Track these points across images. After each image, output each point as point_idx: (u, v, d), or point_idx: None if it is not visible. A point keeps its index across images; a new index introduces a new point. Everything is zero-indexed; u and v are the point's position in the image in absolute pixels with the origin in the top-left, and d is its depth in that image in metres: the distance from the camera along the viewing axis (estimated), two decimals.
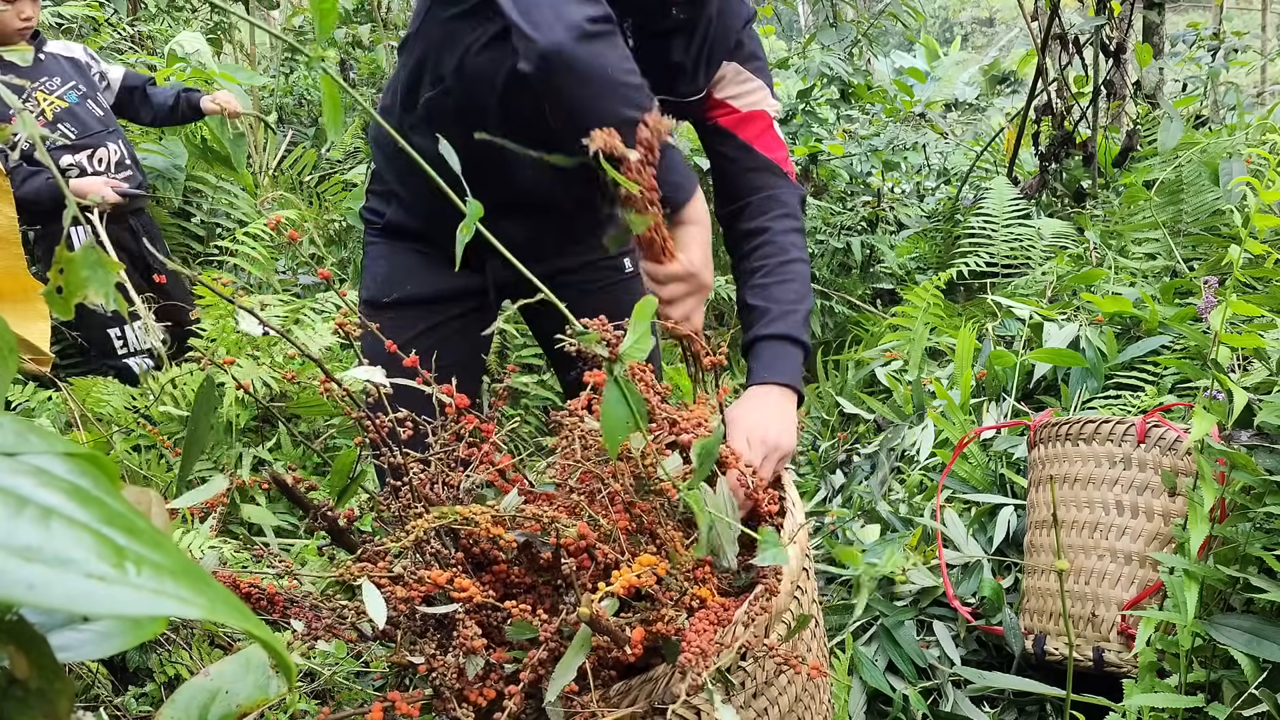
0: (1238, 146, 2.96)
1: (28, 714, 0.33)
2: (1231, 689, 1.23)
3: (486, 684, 0.86)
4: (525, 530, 0.92)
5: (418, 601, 0.87)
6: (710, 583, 0.97)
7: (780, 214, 1.42)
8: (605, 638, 0.82)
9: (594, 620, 0.78)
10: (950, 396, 2.13)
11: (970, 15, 16.18)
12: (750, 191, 1.43)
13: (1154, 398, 1.89)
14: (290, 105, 5.24)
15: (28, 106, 2.73)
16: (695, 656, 0.83)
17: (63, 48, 3.04)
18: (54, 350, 2.12)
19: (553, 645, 0.85)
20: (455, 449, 1.03)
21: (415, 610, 0.88)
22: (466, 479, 1.00)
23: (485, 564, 0.96)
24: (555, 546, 0.91)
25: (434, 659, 0.87)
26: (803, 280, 1.40)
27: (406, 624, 0.92)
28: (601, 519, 0.94)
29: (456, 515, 0.87)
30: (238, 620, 0.29)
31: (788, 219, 1.43)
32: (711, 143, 1.47)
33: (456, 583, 0.85)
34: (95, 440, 2.14)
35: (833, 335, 3.63)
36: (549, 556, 0.94)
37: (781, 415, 1.25)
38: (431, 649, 0.88)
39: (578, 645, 0.82)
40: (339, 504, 1.06)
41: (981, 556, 1.70)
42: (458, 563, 0.93)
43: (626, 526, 0.96)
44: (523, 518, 0.90)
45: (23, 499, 0.28)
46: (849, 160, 4.15)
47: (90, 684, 1.47)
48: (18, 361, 0.40)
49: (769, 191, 1.43)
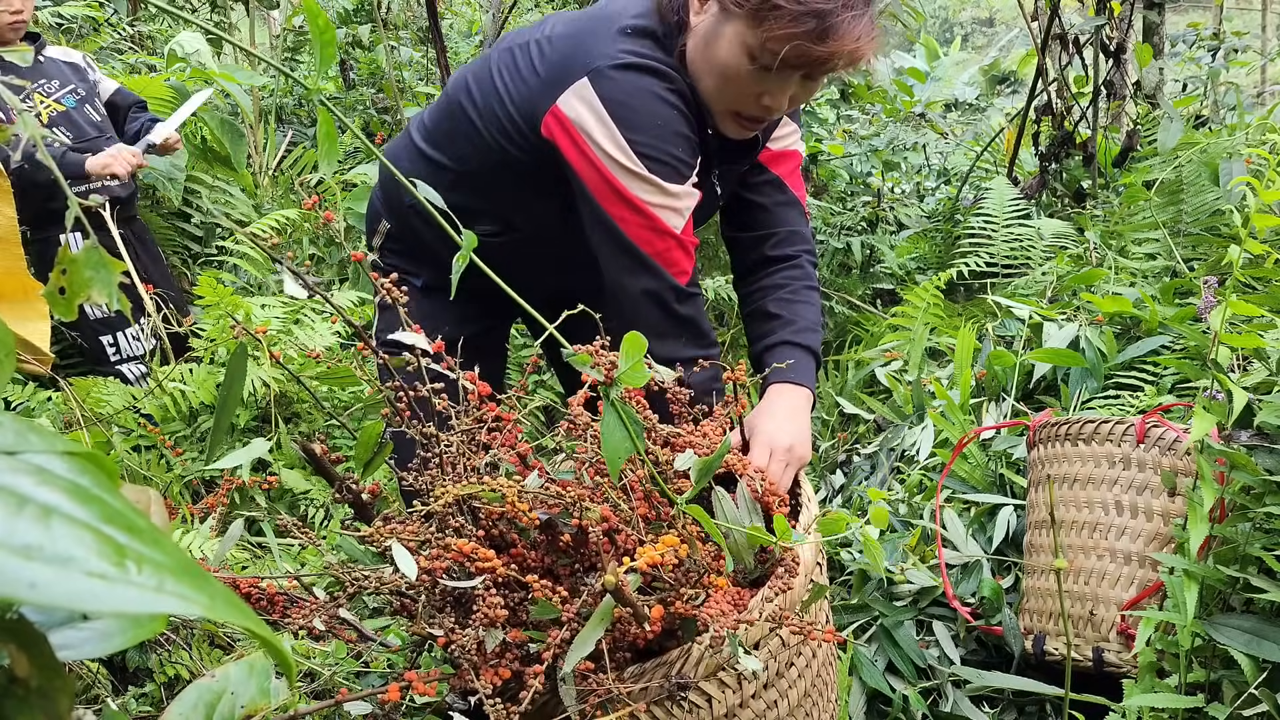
0: (1238, 146, 2.96)
1: (28, 712, 0.33)
2: (1231, 689, 1.23)
3: (503, 662, 0.87)
4: (548, 510, 0.93)
5: (439, 573, 0.88)
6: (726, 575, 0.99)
7: (804, 249, 1.49)
8: (627, 610, 0.83)
9: (617, 590, 0.79)
10: (950, 396, 2.13)
11: (970, 15, 16.18)
12: (779, 224, 1.48)
13: (1154, 398, 1.89)
14: (290, 105, 5.24)
15: (25, 107, 2.73)
16: (718, 616, 0.84)
17: (62, 53, 3.04)
18: (54, 350, 2.12)
19: (575, 627, 0.85)
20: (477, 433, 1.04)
21: (436, 583, 0.89)
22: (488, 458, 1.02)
23: (503, 546, 0.98)
24: (577, 528, 0.92)
25: (453, 632, 0.88)
26: (818, 313, 1.47)
27: (427, 597, 0.92)
28: (622, 503, 0.95)
29: (484, 487, 0.88)
30: (238, 618, 0.29)
31: (808, 261, 1.50)
32: (745, 175, 1.49)
33: (481, 553, 0.86)
34: (95, 440, 2.15)
35: (833, 335, 3.63)
36: (569, 538, 0.95)
37: (800, 420, 1.29)
38: (450, 624, 0.89)
39: (598, 618, 0.82)
40: (364, 477, 1.07)
41: (981, 556, 1.70)
42: (478, 541, 0.95)
43: (646, 514, 0.98)
44: (546, 495, 0.90)
45: (23, 498, 0.28)
46: (849, 160, 4.15)
47: (90, 684, 1.47)
48: (15, 362, 0.40)
49: (795, 228, 1.48)
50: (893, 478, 2.15)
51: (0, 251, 0.78)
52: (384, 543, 0.87)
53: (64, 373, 2.89)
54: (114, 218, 2.76)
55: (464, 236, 0.85)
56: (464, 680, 0.86)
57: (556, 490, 0.91)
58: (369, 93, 5.15)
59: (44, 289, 0.47)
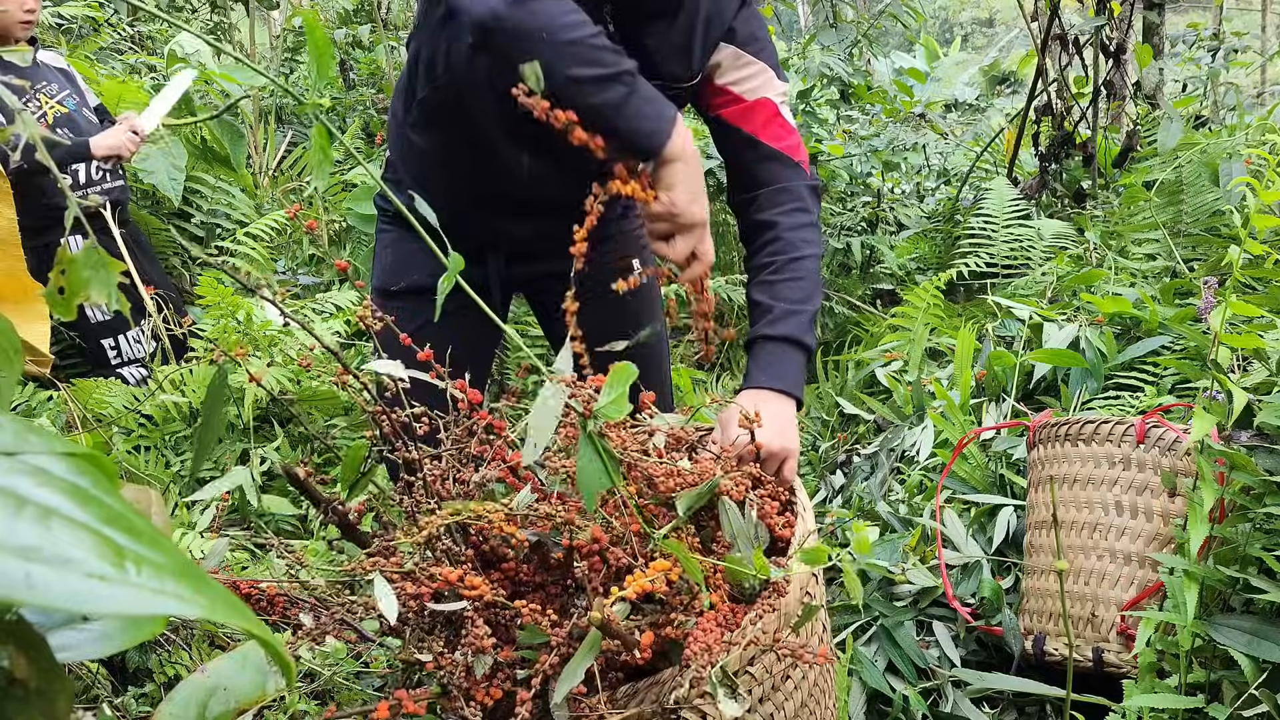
0: (1238, 147, 2.96)
1: (27, 713, 0.33)
2: (1231, 689, 1.23)
3: (494, 683, 0.86)
4: (538, 530, 0.92)
5: (427, 598, 0.87)
6: (722, 589, 0.97)
7: (792, 207, 1.37)
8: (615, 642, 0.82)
9: (605, 625, 0.78)
10: (950, 397, 2.13)
11: (970, 16, 16.18)
12: (760, 184, 1.38)
13: (1154, 398, 1.89)
14: (290, 105, 5.24)
15: (30, 108, 2.73)
16: (700, 652, 0.83)
17: (51, 57, 3.05)
18: (54, 351, 2.12)
19: (564, 651, 0.85)
20: (468, 444, 1.03)
21: (424, 607, 0.88)
22: (478, 475, 1.00)
23: (495, 561, 0.96)
24: (568, 549, 0.91)
25: (442, 656, 0.87)
26: (812, 278, 1.35)
27: (415, 620, 0.91)
28: (614, 520, 0.93)
29: (470, 511, 0.86)
30: (237, 620, 0.29)
31: (799, 212, 1.37)
32: (718, 136, 1.43)
33: (467, 580, 0.85)
34: (95, 441, 2.15)
35: (833, 335, 3.63)
36: (560, 556, 0.94)
37: (776, 422, 1.20)
38: (440, 647, 0.88)
39: (586, 648, 0.82)
40: (349, 498, 1.06)
41: (981, 557, 1.70)
42: (467, 560, 0.93)
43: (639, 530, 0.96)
44: (535, 516, 0.89)
45: (23, 499, 0.28)
46: (849, 161, 4.15)
47: (90, 684, 1.47)
48: (23, 361, 0.40)
49: (780, 184, 1.38)
50: (893, 478, 2.15)
51: (0, 253, 0.78)
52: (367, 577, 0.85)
53: (64, 374, 2.90)
54: (113, 218, 2.76)
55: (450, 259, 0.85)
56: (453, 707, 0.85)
57: (546, 511, 0.89)
58: (369, 93, 5.15)
59: (44, 290, 0.47)
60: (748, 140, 1.39)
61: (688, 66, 1.35)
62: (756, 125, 1.38)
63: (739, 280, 3.60)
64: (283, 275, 3.68)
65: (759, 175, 1.39)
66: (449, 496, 0.98)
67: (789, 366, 1.28)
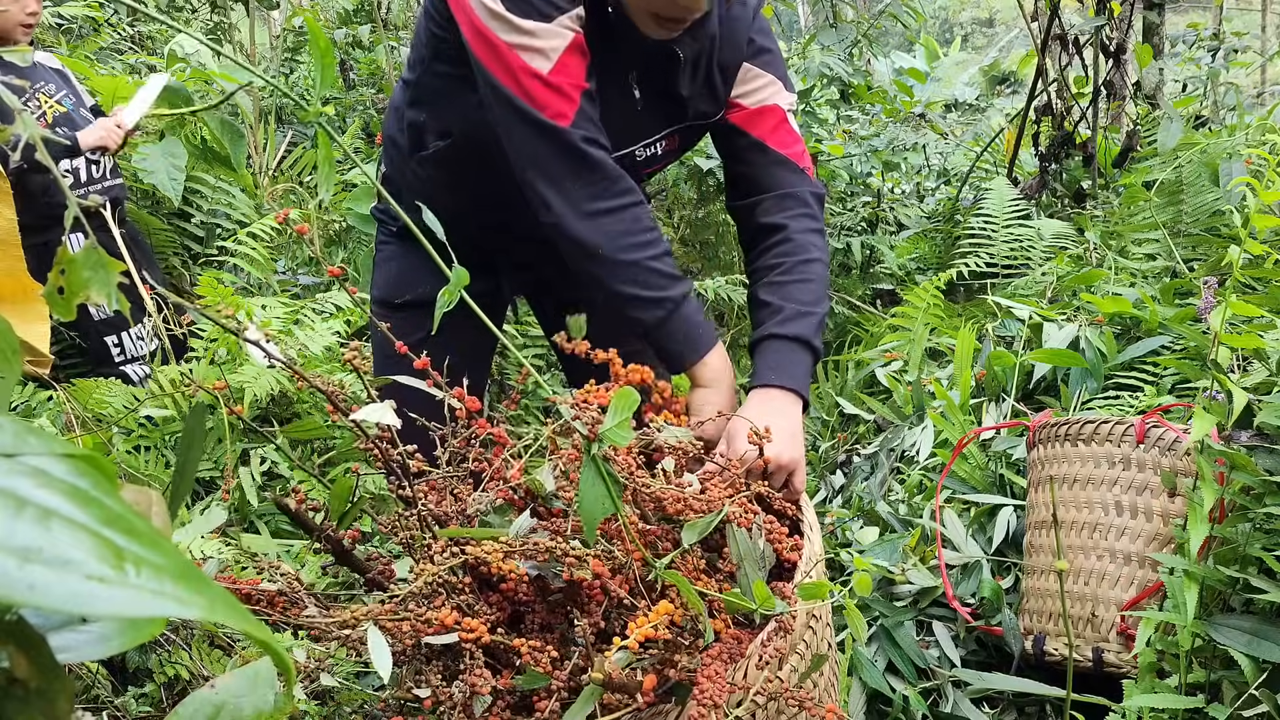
0: (1238, 147, 2.96)
1: (27, 714, 0.33)
2: (1231, 689, 1.23)
3: (493, 711, 0.85)
4: (537, 563, 0.89)
5: (423, 635, 0.86)
6: (725, 615, 0.96)
7: (799, 212, 1.38)
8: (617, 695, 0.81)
9: (607, 680, 0.77)
10: (950, 397, 2.13)
11: (970, 16, 16.18)
12: (767, 188, 1.39)
13: (1153, 398, 1.89)
14: (290, 105, 5.24)
15: (30, 108, 2.73)
16: (707, 709, 0.80)
17: (46, 58, 3.06)
18: (54, 351, 2.12)
19: (564, 696, 0.83)
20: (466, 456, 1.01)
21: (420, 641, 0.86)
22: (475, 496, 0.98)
23: (494, 583, 0.94)
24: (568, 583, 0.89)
25: (440, 690, 0.85)
26: (821, 283, 1.35)
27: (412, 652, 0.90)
28: (616, 549, 0.91)
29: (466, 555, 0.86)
30: (236, 621, 0.29)
31: (806, 218, 1.38)
32: (724, 140, 1.44)
33: (464, 623, 0.83)
34: (95, 441, 2.14)
35: (833, 335, 3.63)
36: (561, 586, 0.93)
37: (786, 425, 1.19)
38: (437, 680, 0.87)
39: (586, 698, 0.80)
40: (339, 527, 1.04)
41: (981, 557, 1.70)
42: (465, 586, 0.91)
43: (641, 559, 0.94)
44: (534, 550, 0.87)
45: (22, 500, 0.28)
46: (849, 161, 4.15)
47: (90, 684, 1.47)
48: (22, 362, 0.40)
49: (786, 189, 1.38)
50: (893, 478, 2.15)
51: (0, 253, 0.78)
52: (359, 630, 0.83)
53: (65, 374, 2.90)
54: (113, 218, 2.76)
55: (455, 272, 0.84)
56: None
57: (545, 545, 0.87)
58: (369, 93, 5.15)
59: (44, 289, 0.47)
60: (755, 144, 1.39)
61: (716, 101, 1.39)
62: (765, 130, 1.39)
63: (739, 280, 3.60)
64: (283, 275, 3.68)
65: (765, 180, 1.39)
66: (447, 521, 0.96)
67: (798, 367, 1.27)
